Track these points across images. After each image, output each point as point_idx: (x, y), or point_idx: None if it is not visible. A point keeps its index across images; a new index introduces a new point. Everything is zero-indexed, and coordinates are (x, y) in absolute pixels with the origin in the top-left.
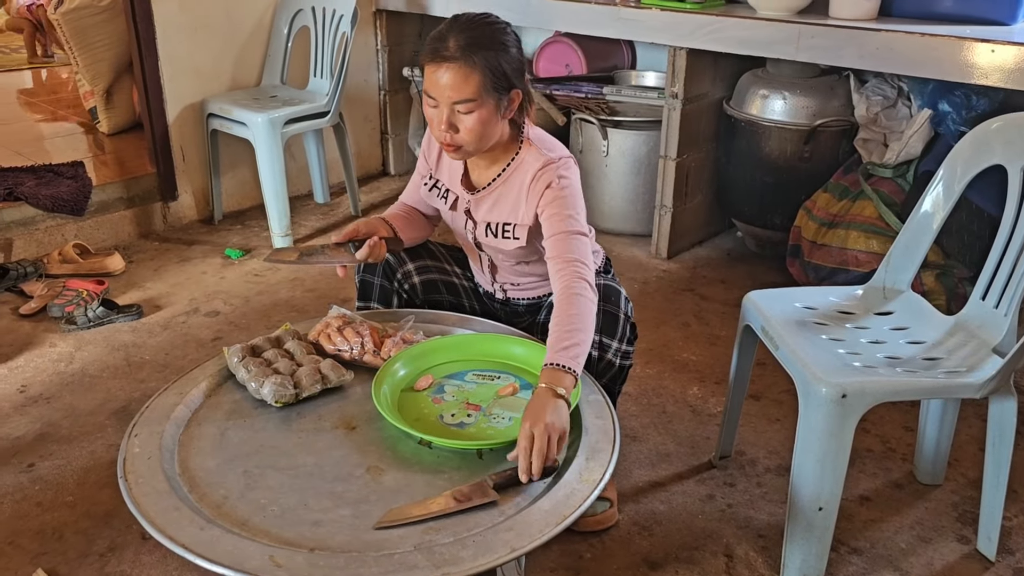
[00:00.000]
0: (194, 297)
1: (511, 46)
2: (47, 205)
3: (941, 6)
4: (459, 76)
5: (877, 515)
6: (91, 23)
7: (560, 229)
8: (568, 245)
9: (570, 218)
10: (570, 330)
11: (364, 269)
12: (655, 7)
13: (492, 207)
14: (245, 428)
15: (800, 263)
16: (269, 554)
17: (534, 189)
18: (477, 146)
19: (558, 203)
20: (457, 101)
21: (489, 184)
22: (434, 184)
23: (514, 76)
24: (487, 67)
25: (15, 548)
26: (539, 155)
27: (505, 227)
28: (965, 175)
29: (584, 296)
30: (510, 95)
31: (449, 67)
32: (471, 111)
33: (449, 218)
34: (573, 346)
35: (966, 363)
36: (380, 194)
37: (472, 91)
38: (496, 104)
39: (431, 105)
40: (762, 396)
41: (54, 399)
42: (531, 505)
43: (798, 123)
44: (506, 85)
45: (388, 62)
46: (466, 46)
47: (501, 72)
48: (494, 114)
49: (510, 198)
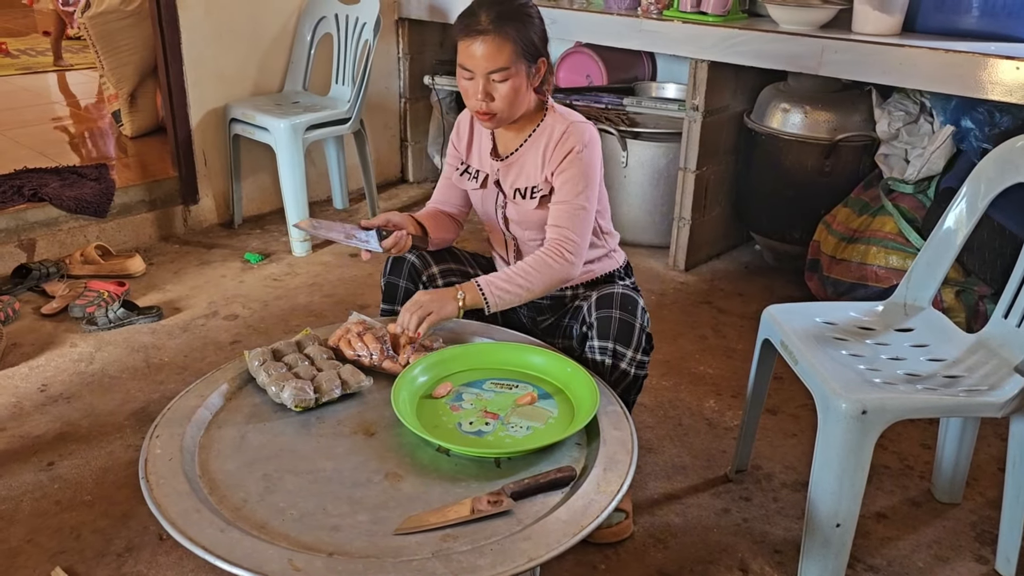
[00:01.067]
0: (213, 300)
1: (535, 17)
2: (70, 206)
3: (965, 23)
4: (493, 47)
5: (894, 533)
6: (117, 27)
7: (564, 198)
8: (566, 217)
9: (577, 188)
10: (513, 274)
11: (390, 272)
12: (677, 19)
13: (520, 172)
14: (265, 432)
15: (819, 278)
16: (288, 558)
17: (558, 150)
18: (510, 113)
19: (572, 172)
20: (492, 71)
21: (516, 150)
22: (465, 169)
23: (540, 45)
24: (518, 37)
25: (34, 546)
26: (563, 119)
27: (533, 189)
28: (989, 193)
29: (550, 260)
30: (537, 63)
31: (484, 39)
32: (505, 79)
33: (479, 200)
34: (503, 282)
35: (987, 381)
36: (399, 201)
37: (505, 60)
38: (527, 72)
39: (466, 77)
40: (779, 410)
41: (74, 399)
42: (549, 514)
43: (819, 137)
44: (534, 53)
45: (409, 70)
46: (497, 18)
47: (530, 41)
48: (525, 81)
49: (535, 160)
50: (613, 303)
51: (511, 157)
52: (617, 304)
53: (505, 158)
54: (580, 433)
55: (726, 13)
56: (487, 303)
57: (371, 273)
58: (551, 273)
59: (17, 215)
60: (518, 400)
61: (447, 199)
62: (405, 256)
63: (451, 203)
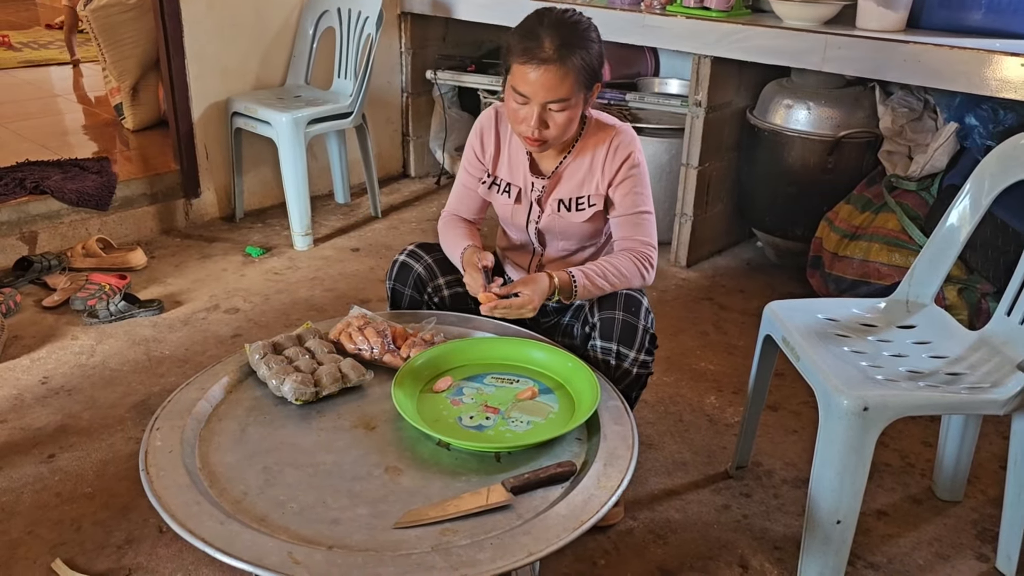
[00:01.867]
0: (214, 294)
1: (595, 41)
2: (72, 199)
3: (970, 19)
4: (556, 77)
5: (895, 530)
6: (119, 20)
7: (630, 209)
8: (636, 226)
9: (639, 196)
10: (605, 269)
11: (396, 278)
12: (680, 15)
13: (564, 184)
14: (265, 425)
15: (821, 274)
16: (288, 551)
17: (612, 159)
18: (562, 138)
19: (630, 182)
20: (552, 101)
21: (560, 163)
22: (493, 182)
23: (599, 70)
24: (582, 66)
25: (34, 537)
26: (605, 125)
27: (579, 200)
28: (992, 190)
29: (641, 269)
30: (593, 88)
31: (547, 69)
32: (563, 109)
33: (509, 213)
34: (593, 275)
35: (989, 379)
36: (400, 196)
37: (567, 91)
38: (585, 100)
39: (520, 102)
40: (780, 407)
41: (75, 391)
42: (549, 509)
43: (822, 134)
44: (593, 80)
45: (411, 65)
46: (561, 47)
47: (591, 70)
48: (580, 110)
49: (582, 170)
50: (617, 304)
51: (558, 170)
52: (621, 305)
53: (550, 175)
54: (581, 428)
55: (729, 8)
56: (574, 281)
57: (372, 267)
58: (638, 281)
59: (19, 208)
60: (519, 395)
61: (466, 207)
62: (411, 265)
63: (470, 211)
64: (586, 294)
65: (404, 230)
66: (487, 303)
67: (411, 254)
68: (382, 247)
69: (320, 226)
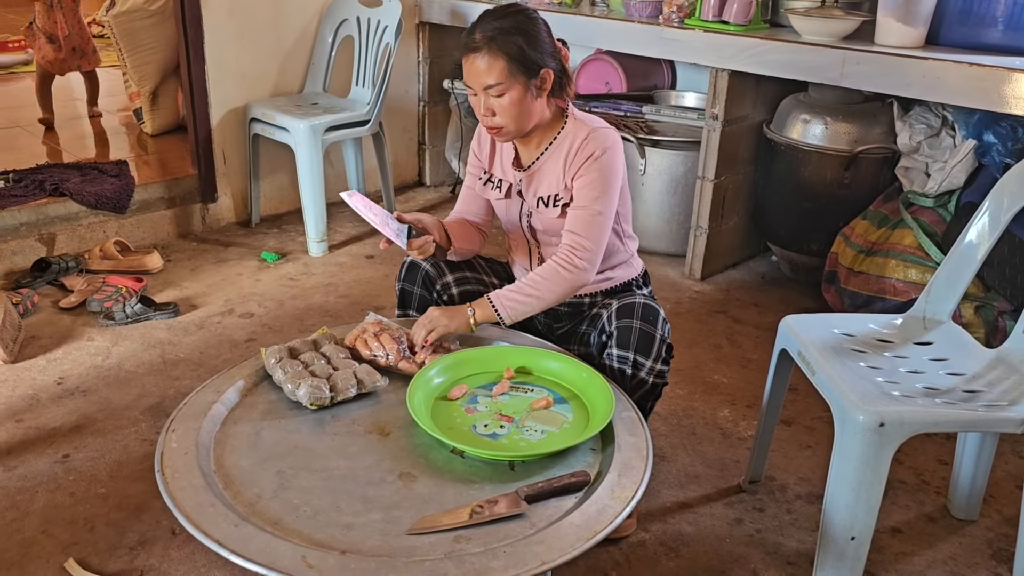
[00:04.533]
0: (229, 298)
1: (534, 31)
2: (91, 202)
3: (989, 36)
4: (484, 63)
5: (909, 548)
6: (141, 26)
7: (581, 204)
8: (582, 223)
9: (594, 194)
10: (524, 285)
11: (404, 278)
12: (698, 28)
13: (542, 181)
14: (280, 429)
15: (836, 290)
16: (301, 554)
17: (578, 156)
18: (517, 125)
19: (589, 177)
20: (487, 87)
21: (537, 159)
22: (488, 179)
23: (540, 58)
24: (508, 53)
25: (47, 537)
26: (584, 125)
27: (556, 197)
28: (1012, 207)
29: (560, 269)
30: (540, 75)
31: (476, 56)
32: (501, 94)
33: (503, 209)
34: (514, 293)
35: (1007, 397)
36: (415, 204)
37: (497, 75)
38: (525, 85)
39: (471, 94)
40: (794, 422)
41: (90, 392)
42: (562, 519)
43: (839, 149)
44: (532, 66)
45: (429, 74)
46: (489, 36)
47: (524, 55)
48: (524, 94)
49: (557, 168)
50: (634, 313)
51: (533, 166)
52: (638, 314)
53: (527, 168)
54: (595, 438)
55: (748, 23)
56: (500, 316)
57: (387, 275)
58: (562, 281)
59: (38, 209)
60: (533, 404)
61: (471, 209)
62: (420, 263)
63: (475, 213)
64: (511, 312)
65: None
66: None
67: None
68: (396, 255)
69: (335, 233)
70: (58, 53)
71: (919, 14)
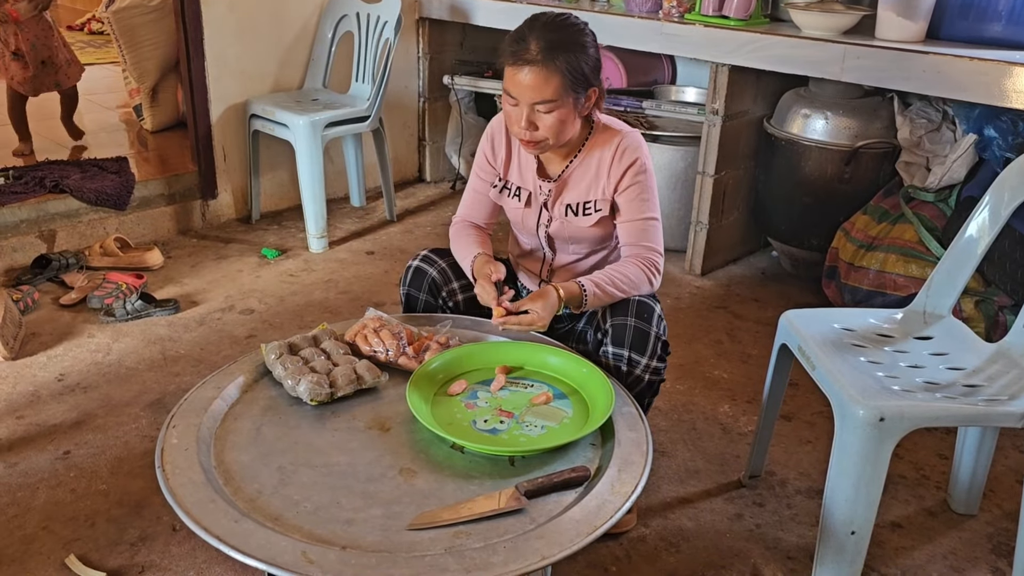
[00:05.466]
0: (229, 294)
1: (589, 46)
2: (91, 199)
3: (990, 31)
4: (540, 78)
5: (909, 542)
6: (140, 22)
7: (635, 215)
8: (642, 232)
9: (646, 202)
10: (612, 277)
11: (410, 283)
12: (699, 23)
13: (571, 189)
14: (280, 424)
15: (836, 285)
16: (302, 550)
17: (617, 164)
18: (556, 141)
19: (637, 187)
20: (538, 102)
21: (566, 168)
22: (504, 186)
23: (592, 75)
24: (567, 69)
25: (48, 533)
26: (611, 130)
27: (586, 205)
28: (1012, 202)
29: (646, 276)
30: (587, 93)
31: (531, 69)
32: (551, 110)
33: (520, 217)
34: (603, 283)
35: (1007, 391)
36: (415, 200)
37: (552, 92)
38: (575, 102)
39: (511, 104)
40: (794, 417)
41: (91, 389)
42: (562, 514)
43: (839, 144)
44: (584, 84)
45: (429, 70)
46: (547, 48)
47: (580, 73)
48: (572, 112)
49: (588, 175)
50: (629, 310)
51: (564, 174)
52: (633, 312)
53: (556, 179)
54: (595, 434)
55: (748, 17)
56: (583, 291)
57: (387, 271)
58: (644, 288)
59: (38, 206)
60: (533, 399)
61: (478, 212)
62: (425, 269)
63: (482, 216)
64: (596, 302)
65: (419, 234)
66: (499, 317)
67: (425, 259)
68: (397, 251)
69: (335, 229)
70: (26, 71)
71: (919, 8)
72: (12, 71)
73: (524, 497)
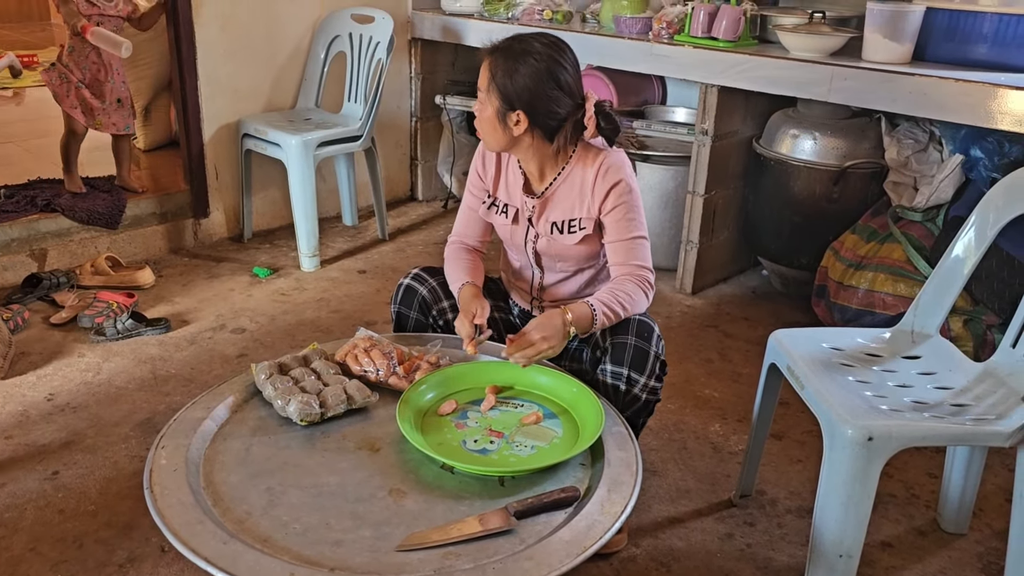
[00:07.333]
0: (221, 313)
1: (529, 70)
2: (83, 218)
3: (975, 53)
4: (484, 68)
5: (899, 562)
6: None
7: (623, 235)
8: (631, 252)
9: (632, 221)
10: (617, 296)
11: (400, 302)
12: (688, 44)
13: (555, 206)
14: (270, 445)
15: (826, 304)
16: (290, 572)
17: (601, 182)
18: (487, 140)
19: (623, 208)
20: (479, 88)
21: (550, 185)
22: (492, 203)
23: (517, 97)
24: (495, 71)
25: (36, 554)
26: (594, 150)
27: (571, 223)
28: (998, 222)
29: (643, 293)
30: (510, 114)
31: (484, 59)
32: (482, 102)
33: (508, 234)
34: (611, 301)
35: (995, 411)
36: (407, 219)
37: (483, 82)
38: (496, 111)
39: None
40: (784, 436)
41: (80, 408)
42: (552, 535)
43: (828, 164)
44: (508, 98)
45: (421, 90)
46: (495, 48)
47: (504, 84)
48: (493, 117)
49: (572, 194)
50: (629, 329)
51: (547, 192)
52: (633, 331)
53: (540, 194)
54: (585, 454)
55: (736, 39)
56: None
57: (378, 290)
58: (642, 305)
59: (29, 225)
60: (523, 419)
61: (471, 231)
62: (416, 288)
63: (474, 236)
64: (604, 322)
65: (411, 253)
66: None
67: (416, 277)
68: (388, 269)
69: (327, 248)
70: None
71: (906, 30)
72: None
73: (514, 517)
